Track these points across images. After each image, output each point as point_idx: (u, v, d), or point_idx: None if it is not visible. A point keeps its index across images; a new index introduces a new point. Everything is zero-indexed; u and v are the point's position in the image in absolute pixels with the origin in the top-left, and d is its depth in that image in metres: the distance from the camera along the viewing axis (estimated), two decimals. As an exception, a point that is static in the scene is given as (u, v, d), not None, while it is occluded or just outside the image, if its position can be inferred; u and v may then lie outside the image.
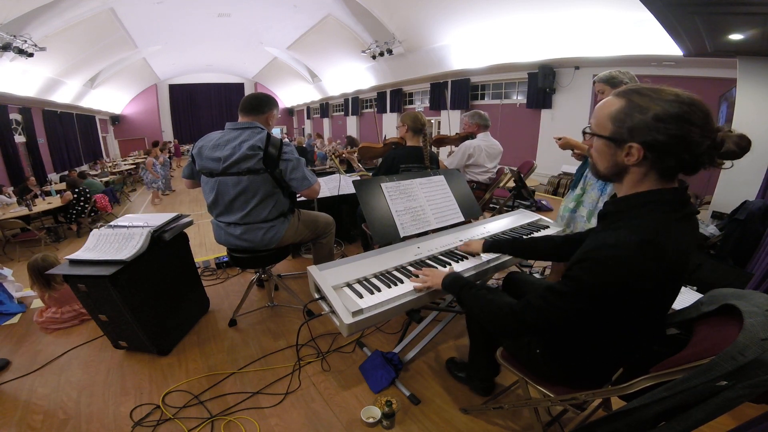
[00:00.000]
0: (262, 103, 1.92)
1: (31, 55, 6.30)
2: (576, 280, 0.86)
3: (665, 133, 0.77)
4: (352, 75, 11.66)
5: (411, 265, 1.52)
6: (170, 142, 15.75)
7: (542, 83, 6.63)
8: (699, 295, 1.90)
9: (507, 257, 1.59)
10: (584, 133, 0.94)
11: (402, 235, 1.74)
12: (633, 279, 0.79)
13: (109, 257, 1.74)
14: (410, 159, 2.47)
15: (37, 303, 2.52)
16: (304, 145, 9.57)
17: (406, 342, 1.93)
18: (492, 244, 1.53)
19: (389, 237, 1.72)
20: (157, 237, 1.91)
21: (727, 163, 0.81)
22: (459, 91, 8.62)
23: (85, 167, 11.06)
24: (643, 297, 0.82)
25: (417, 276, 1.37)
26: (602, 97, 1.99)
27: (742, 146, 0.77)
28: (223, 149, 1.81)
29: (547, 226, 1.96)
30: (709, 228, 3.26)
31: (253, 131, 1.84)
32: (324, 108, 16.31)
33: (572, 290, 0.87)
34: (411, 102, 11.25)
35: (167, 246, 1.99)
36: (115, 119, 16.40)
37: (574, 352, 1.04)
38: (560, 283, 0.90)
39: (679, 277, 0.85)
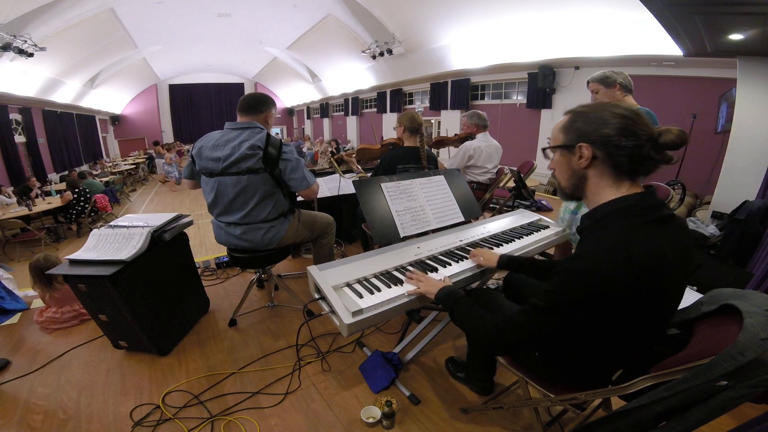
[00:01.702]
0: (260, 103, 1.92)
1: (31, 55, 6.29)
2: (550, 293, 0.88)
3: (607, 125, 0.86)
4: (352, 75, 11.66)
5: (411, 265, 1.52)
6: (175, 142, 15.86)
7: (542, 83, 6.62)
8: (699, 295, 1.90)
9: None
10: (544, 150, 1.02)
11: (402, 235, 1.74)
12: (602, 287, 0.80)
13: (109, 257, 1.74)
14: (408, 159, 2.47)
15: (38, 303, 2.52)
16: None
17: (406, 342, 1.93)
18: (509, 261, 1.45)
19: (389, 237, 1.72)
20: (157, 237, 1.92)
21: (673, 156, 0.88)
22: (459, 91, 8.61)
23: (85, 167, 11.05)
24: (621, 305, 0.82)
25: (413, 276, 1.35)
26: (596, 97, 1.99)
27: (682, 138, 0.85)
28: (223, 149, 1.81)
29: (547, 227, 1.96)
30: (709, 228, 3.26)
31: (253, 131, 1.84)
32: (324, 108, 16.30)
33: (548, 305, 0.88)
34: (411, 102, 11.24)
35: (167, 246, 1.99)
36: (115, 119, 16.38)
37: (572, 356, 1.03)
38: (539, 298, 0.91)
39: (662, 282, 0.83)
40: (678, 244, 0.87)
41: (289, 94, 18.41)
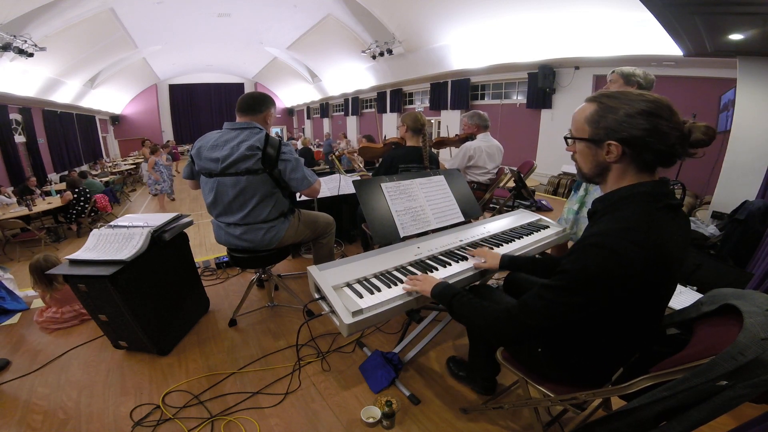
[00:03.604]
0: (259, 102, 1.91)
1: (31, 55, 6.29)
2: (565, 272, 0.88)
3: (638, 128, 0.84)
4: (352, 75, 11.66)
5: (411, 265, 1.51)
6: (169, 141, 15.66)
7: (542, 83, 6.62)
8: (699, 295, 1.90)
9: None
10: (566, 138, 1.00)
11: (402, 235, 1.74)
12: (615, 263, 0.81)
13: (109, 257, 1.74)
14: (410, 159, 2.47)
15: (38, 303, 2.52)
16: (309, 146, 9.28)
17: (406, 342, 1.93)
18: (510, 261, 1.45)
19: (389, 237, 1.72)
20: (157, 237, 1.91)
21: (699, 152, 0.87)
22: (459, 91, 8.61)
23: (85, 167, 11.06)
24: (630, 285, 0.82)
25: (412, 278, 1.34)
26: (610, 86, 1.99)
27: (709, 135, 0.84)
28: (222, 149, 1.81)
29: (547, 226, 1.96)
30: (709, 228, 3.26)
31: (252, 131, 1.83)
32: (324, 108, 16.31)
33: (563, 283, 0.88)
34: (411, 102, 11.25)
35: (167, 246, 1.99)
36: (115, 119, 16.40)
37: (575, 350, 1.03)
38: (553, 278, 0.91)
39: (668, 269, 0.84)
40: (683, 233, 0.89)
41: (289, 94, 18.42)
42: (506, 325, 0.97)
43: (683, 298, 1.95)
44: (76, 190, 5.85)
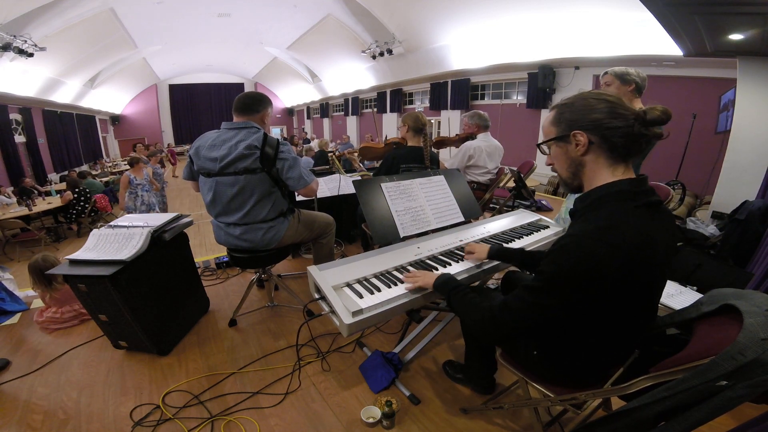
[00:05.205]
0: (256, 102, 1.91)
1: (31, 55, 6.30)
2: (543, 273, 0.89)
3: (596, 112, 0.89)
4: (352, 75, 11.67)
5: (411, 265, 1.51)
6: (167, 144, 15.51)
7: (542, 83, 6.62)
8: (699, 295, 1.91)
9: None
10: (539, 145, 1.04)
11: (402, 235, 1.74)
12: (589, 264, 0.81)
13: (109, 257, 1.74)
14: (411, 159, 2.48)
15: (38, 303, 2.52)
16: (326, 150, 9.05)
17: (406, 342, 1.93)
18: (497, 252, 1.46)
19: (389, 237, 1.72)
20: (157, 237, 1.91)
21: (663, 132, 0.92)
22: (459, 91, 8.61)
23: (85, 167, 11.06)
24: (610, 285, 0.83)
25: (410, 275, 1.35)
26: (606, 90, 1.99)
27: (667, 113, 0.88)
28: (220, 149, 1.81)
29: (547, 226, 1.96)
30: (709, 228, 3.26)
31: (250, 131, 1.83)
32: (324, 108, 16.31)
33: (541, 284, 0.90)
34: (411, 102, 11.25)
35: (167, 246, 1.99)
36: (115, 119, 16.41)
37: (569, 352, 1.03)
38: (532, 279, 0.92)
39: (649, 268, 0.85)
40: (665, 231, 0.89)
41: (289, 94, 18.42)
42: (489, 324, 0.99)
43: (683, 298, 1.95)
44: (76, 190, 5.85)
